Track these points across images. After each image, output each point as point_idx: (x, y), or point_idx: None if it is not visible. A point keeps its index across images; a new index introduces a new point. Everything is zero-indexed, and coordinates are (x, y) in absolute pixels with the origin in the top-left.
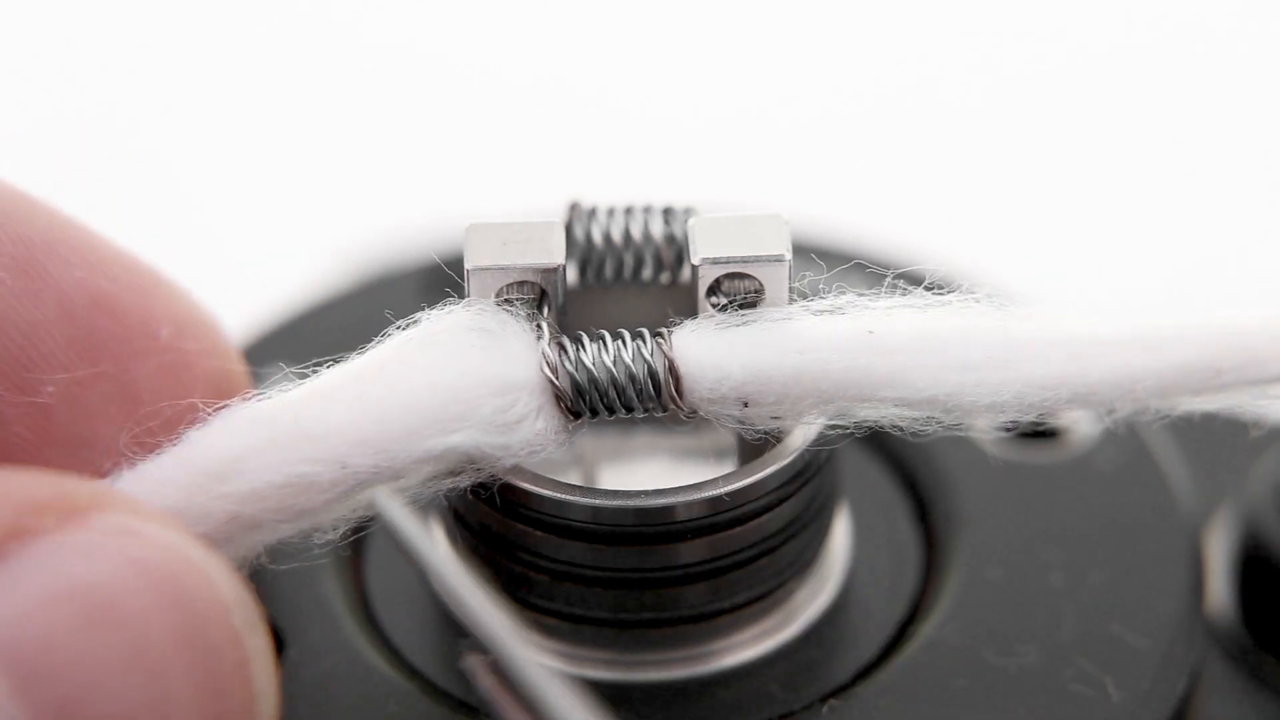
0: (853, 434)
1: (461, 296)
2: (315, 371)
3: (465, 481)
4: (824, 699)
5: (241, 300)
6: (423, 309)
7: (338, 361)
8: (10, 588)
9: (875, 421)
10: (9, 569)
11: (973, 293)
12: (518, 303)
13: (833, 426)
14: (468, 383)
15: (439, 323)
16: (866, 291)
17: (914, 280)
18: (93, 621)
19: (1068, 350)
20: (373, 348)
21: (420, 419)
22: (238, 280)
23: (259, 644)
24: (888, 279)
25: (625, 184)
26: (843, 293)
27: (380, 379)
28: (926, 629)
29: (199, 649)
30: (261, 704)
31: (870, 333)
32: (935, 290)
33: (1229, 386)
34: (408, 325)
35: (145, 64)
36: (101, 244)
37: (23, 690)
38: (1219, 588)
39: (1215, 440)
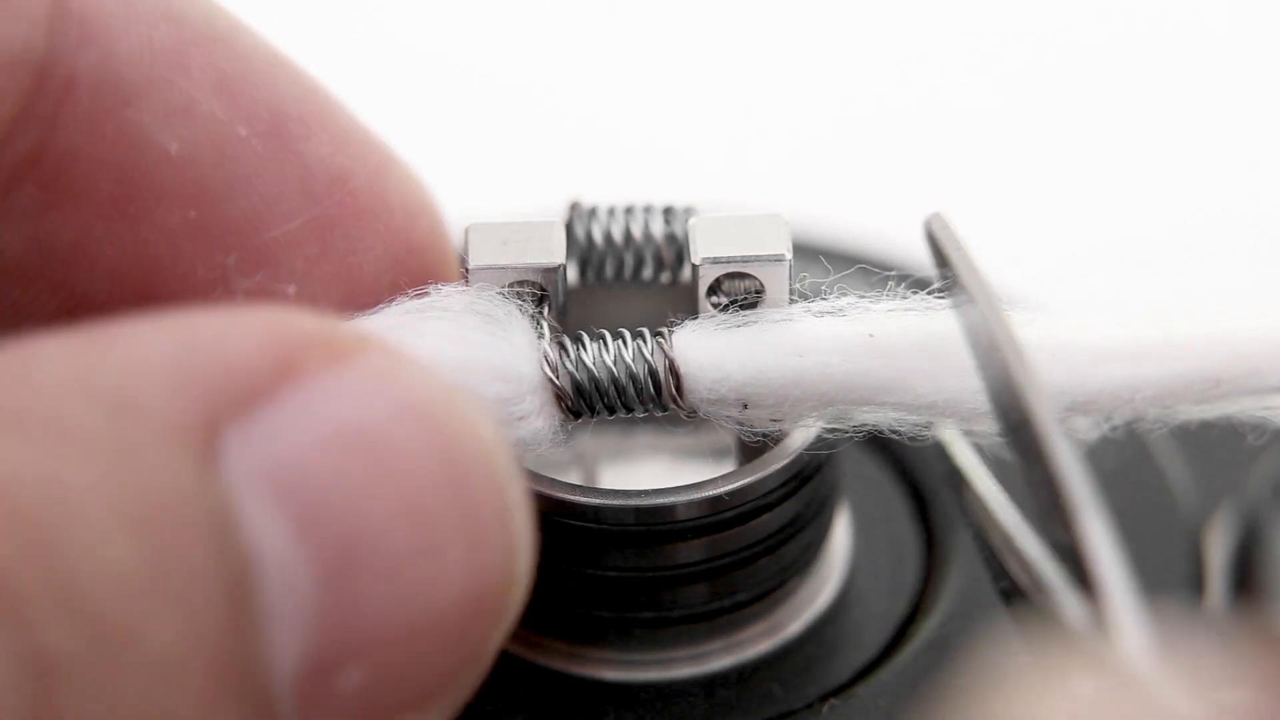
0: (851, 437)
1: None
2: None
3: None
4: (824, 699)
5: None
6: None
7: None
8: (286, 428)
9: (874, 425)
10: (284, 409)
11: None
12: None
13: (831, 430)
14: (474, 359)
15: (447, 300)
16: (867, 293)
17: (915, 283)
18: (368, 465)
19: (1068, 360)
20: (379, 311)
21: None
22: None
23: (518, 493)
24: (889, 282)
25: (625, 184)
26: (844, 294)
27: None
28: (926, 629)
29: (465, 497)
30: (519, 557)
31: (870, 336)
32: (936, 294)
33: (1228, 396)
34: (417, 294)
35: None
36: (345, 118)
37: (306, 535)
38: (1219, 587)
39: (1215, 442)
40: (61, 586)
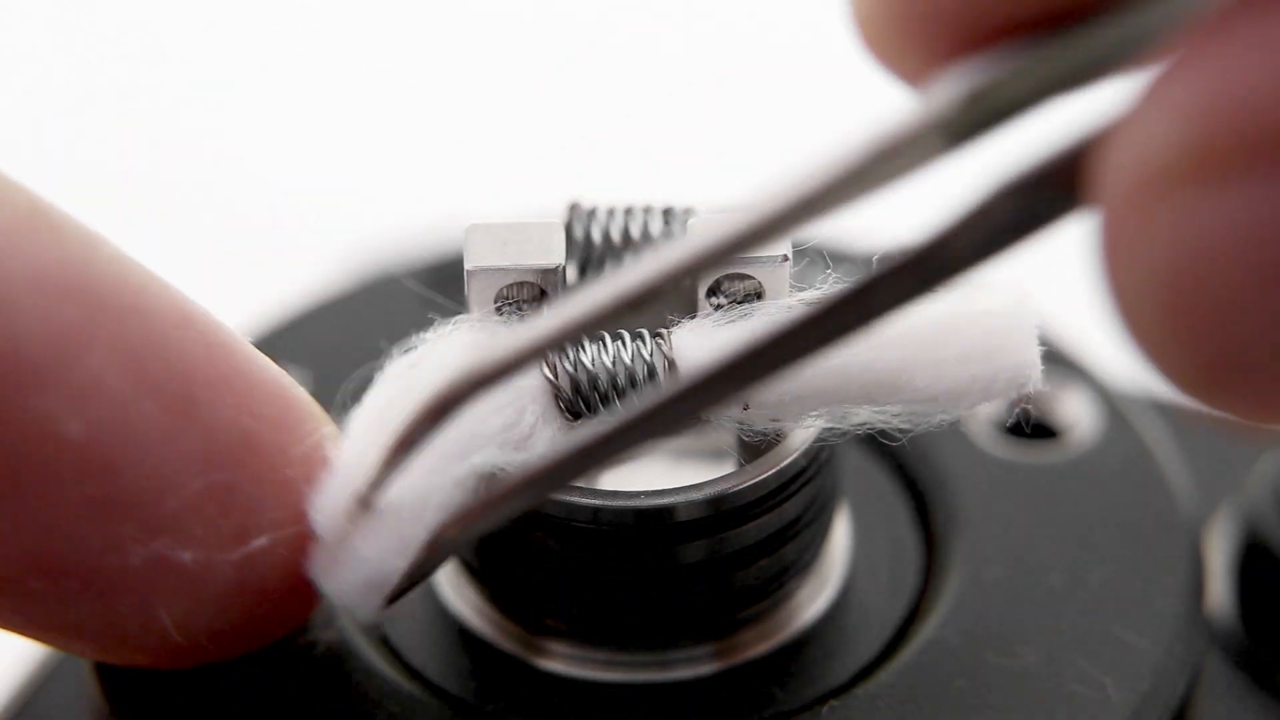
0: (853, 434)
1: (462, 295)
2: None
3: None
4: (824, 699)
5: (243, 300)
6: (416, 335)
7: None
8: None
9: (872, 425)
10: None
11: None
12: (522, 304)
13: (830, 429)
14: (472, 413)
15: (435, 348)
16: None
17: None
18: None
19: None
20: (378, 386)
21: (438, 450)
22: (239, 280)
23: None
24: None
25: (625, 184)
26: (837, 284)
27: (389, 420)
28: (926, 629)
29: None
30: None
31: None
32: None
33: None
34: (405, 352)
35: (148, 64)
36: (253, 371)
37: None
38: (1219, 588)
39: (1215, 440)
40: None
